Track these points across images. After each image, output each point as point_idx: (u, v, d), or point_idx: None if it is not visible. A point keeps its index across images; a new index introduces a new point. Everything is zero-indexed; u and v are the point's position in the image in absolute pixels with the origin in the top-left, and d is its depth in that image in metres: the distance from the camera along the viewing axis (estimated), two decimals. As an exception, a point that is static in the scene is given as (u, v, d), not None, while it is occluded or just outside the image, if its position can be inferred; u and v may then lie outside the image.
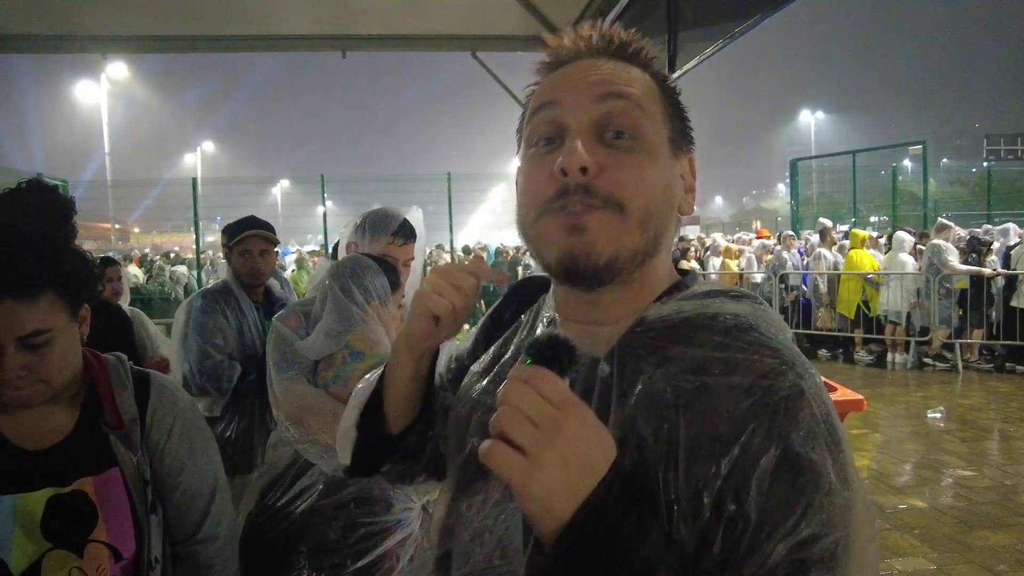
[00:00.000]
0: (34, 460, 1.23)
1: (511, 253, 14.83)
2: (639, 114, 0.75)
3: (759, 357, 0.69)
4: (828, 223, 11.40)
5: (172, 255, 15.92)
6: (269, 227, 3.00)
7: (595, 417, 0.64)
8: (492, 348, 0.92)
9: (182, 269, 13.52)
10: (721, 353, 0.70)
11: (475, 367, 0.92)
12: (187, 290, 12.61)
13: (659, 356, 0.72)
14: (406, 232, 2.13)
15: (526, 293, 0.97)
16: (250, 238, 2.91)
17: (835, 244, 10.30)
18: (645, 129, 0.75)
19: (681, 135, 0.81)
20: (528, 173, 0.78)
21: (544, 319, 0.87)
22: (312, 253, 14.50)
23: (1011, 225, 9.76)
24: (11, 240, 1.18)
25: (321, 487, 1.84)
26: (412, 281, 2.17)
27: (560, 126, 0.76)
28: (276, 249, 3.07)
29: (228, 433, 2.71)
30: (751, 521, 0.63)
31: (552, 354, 0.64)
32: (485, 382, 0.87)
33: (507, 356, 0.88)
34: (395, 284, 1.92)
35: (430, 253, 12.97)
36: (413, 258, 2.16)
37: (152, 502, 1.30)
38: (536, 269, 0.86)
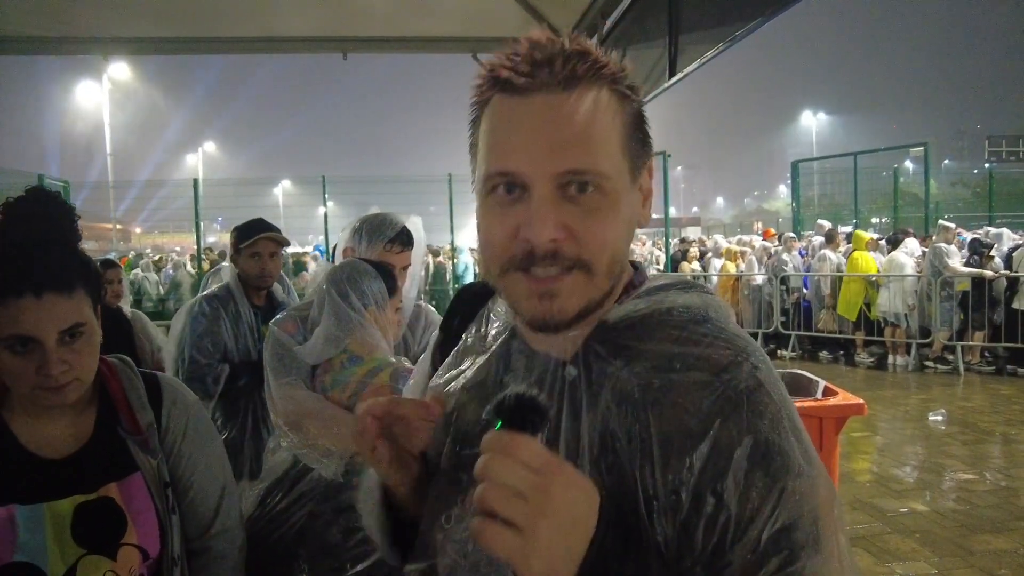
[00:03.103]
0: (56, 469, 1.25)
1: None
2: (601, 166, 0.72)
3: (715, 349, 0.73)
4: (827, 224, 11.39)
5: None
6: (278, 230, 3.02)
7: (574, 469, 0.65)
8: (448, 360, 0.93)
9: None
10: (680, 348, 0.74)
11: (434, 381, 0.93)
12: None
13: (624, 357, 0.75)
14: (403, 239, 2.13)
15: (469, 299, 0.98)
16: (261, 241, 2.92)
17: (840, 246, 10.29)
18: (608, 179, 0.72)
19: (640, 153, 0.77)
20: (490, 224, 0.75)
21: (495, 325, 0.88)
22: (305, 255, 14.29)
23: (1004, 230, 9.76)
24: (43, 239, 1.21)
25: (320, 491, 1.83)
26: (409, 287, 2.17)
27: (520, 182, 0.72)
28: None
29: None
30: (732, 511, 0.66)
31: (522, 416, 0.63)
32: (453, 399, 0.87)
33: (464, 368, 0.88)
34: (392, 289, 1.92)
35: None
36: (410, 264, 2.16)
37: (172, 503, 1.33)
38: None
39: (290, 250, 15.42)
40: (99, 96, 34.01)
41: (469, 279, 12.92)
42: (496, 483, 0.60)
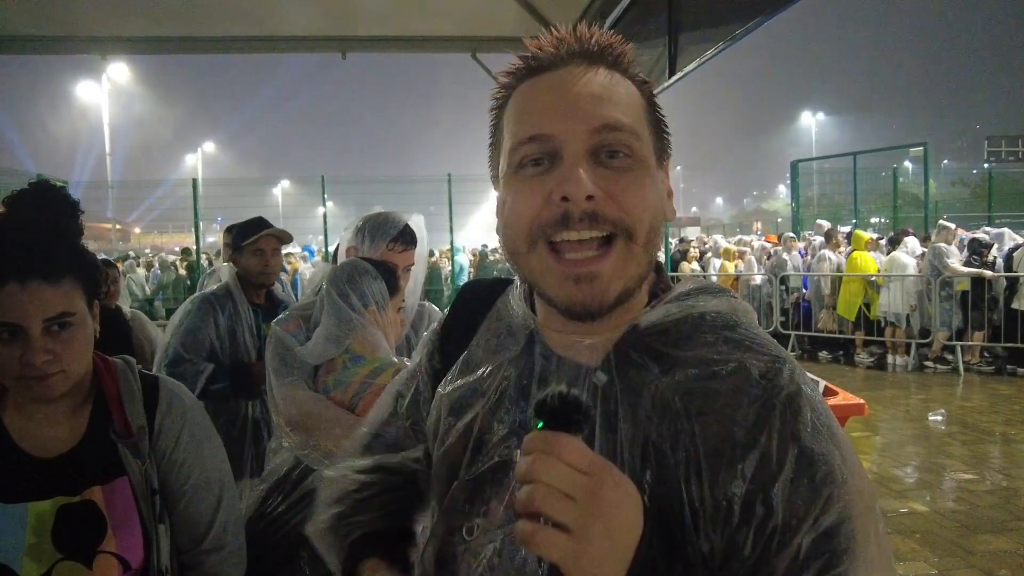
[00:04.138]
0: (44, 468, 1.22)
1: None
2: (634, 124, 0.74)
3: (752, 355, 0.73)
4: (826, 224, 11.39)
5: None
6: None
7: (621, 472, 0.64)
8: (457, 367, 0.88)
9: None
10: (717, 355, 0.73)
11: (443, 388, 0.88)
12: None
13: (661, 364, 0.73)
14: (406, 238, 2.12)
15: (472, 299, 0.94)
16: (264, 238, 2.93)
17: (839, 246, 10.29)
18: (639, 141, 0.75)
19: (661, 138, 0.80)
20: (518, 195, 0.74)
21: (509, 329, 0.85)
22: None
23: (1006, 230, 9.75)
24: (33, 229, 1.21)
25: (321, 492, 1.83)
26: (412, 287, 2.16)
27: (551, 148, 0.72)
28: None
29: None
30: (779, 520, 0.66)
31: (565, 416, 0.62)
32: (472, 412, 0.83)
33: (479, 376, 0.84)
34: (393, 288, 1.91)
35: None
36: (413, 263, 2.15)
37: (160, 511, 1.28)
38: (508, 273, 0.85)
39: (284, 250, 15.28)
40: (98, 96, 33.99)
41: (465, 280, 12.93)
42: (543, 485, 0.59)
